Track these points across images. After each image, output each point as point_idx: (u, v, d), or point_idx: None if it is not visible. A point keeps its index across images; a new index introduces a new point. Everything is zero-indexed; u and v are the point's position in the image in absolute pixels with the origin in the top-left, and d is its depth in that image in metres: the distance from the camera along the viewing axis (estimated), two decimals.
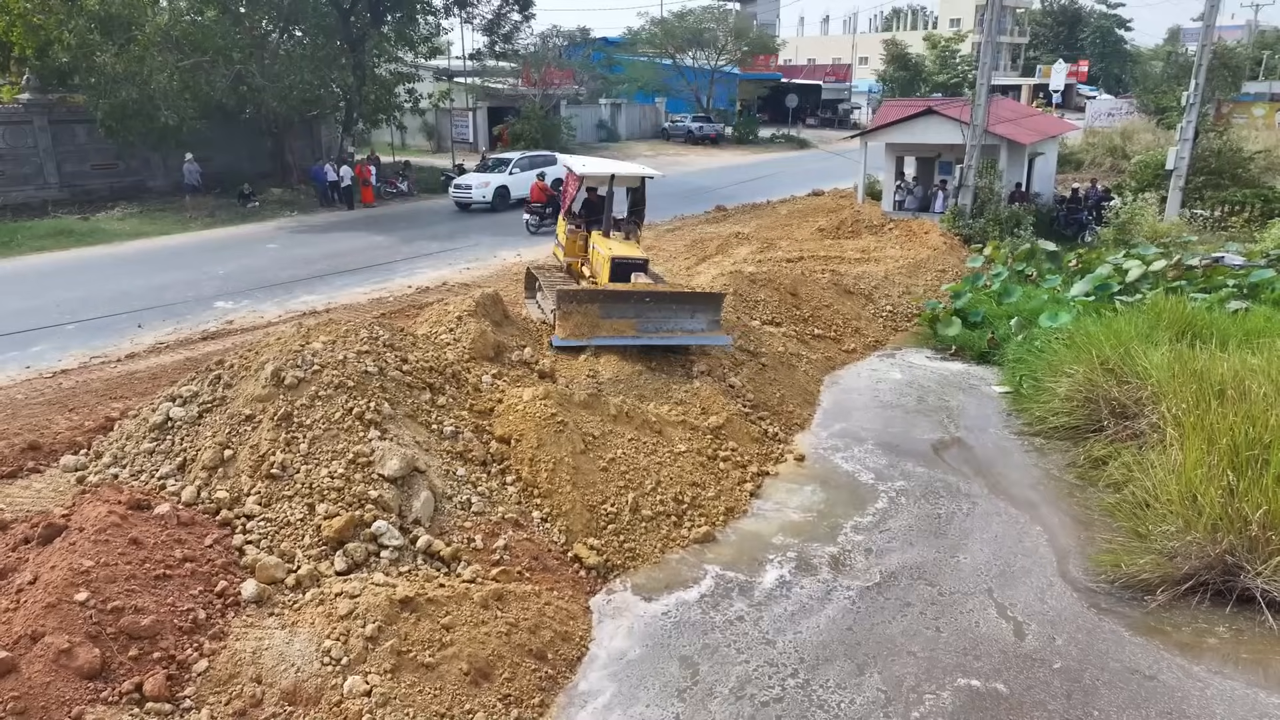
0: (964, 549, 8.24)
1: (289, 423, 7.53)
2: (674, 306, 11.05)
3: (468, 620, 6.34)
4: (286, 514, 7.01)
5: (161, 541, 6.31)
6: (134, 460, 7.64)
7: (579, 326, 10.88)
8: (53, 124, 25.32)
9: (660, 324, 11.01)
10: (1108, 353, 10.62)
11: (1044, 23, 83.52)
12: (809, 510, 8.91)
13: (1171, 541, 7.50)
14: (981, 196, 21.05)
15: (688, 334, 11.10)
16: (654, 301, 11.01)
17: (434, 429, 8.34)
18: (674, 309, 11.04)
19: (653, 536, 8.07)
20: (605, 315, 10.88)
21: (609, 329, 10.89)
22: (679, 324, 11.06)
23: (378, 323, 9.32)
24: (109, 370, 11.44)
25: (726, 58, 56.20)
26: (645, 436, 9.16)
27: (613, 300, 10.92)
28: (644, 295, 11.02)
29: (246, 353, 8.45)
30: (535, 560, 7.44)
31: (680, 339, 11.10)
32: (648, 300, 10.99)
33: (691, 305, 11.14)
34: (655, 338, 11.00)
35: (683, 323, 11.07)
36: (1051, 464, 10.05)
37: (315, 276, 17.52)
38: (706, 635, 6.91)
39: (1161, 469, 8.24)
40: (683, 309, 11.07)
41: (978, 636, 6.96)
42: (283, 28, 27.78)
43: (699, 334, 11.14)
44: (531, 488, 8.23)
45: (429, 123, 41.20)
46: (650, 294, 11.07)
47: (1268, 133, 33.02)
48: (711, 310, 11.20)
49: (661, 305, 11.02)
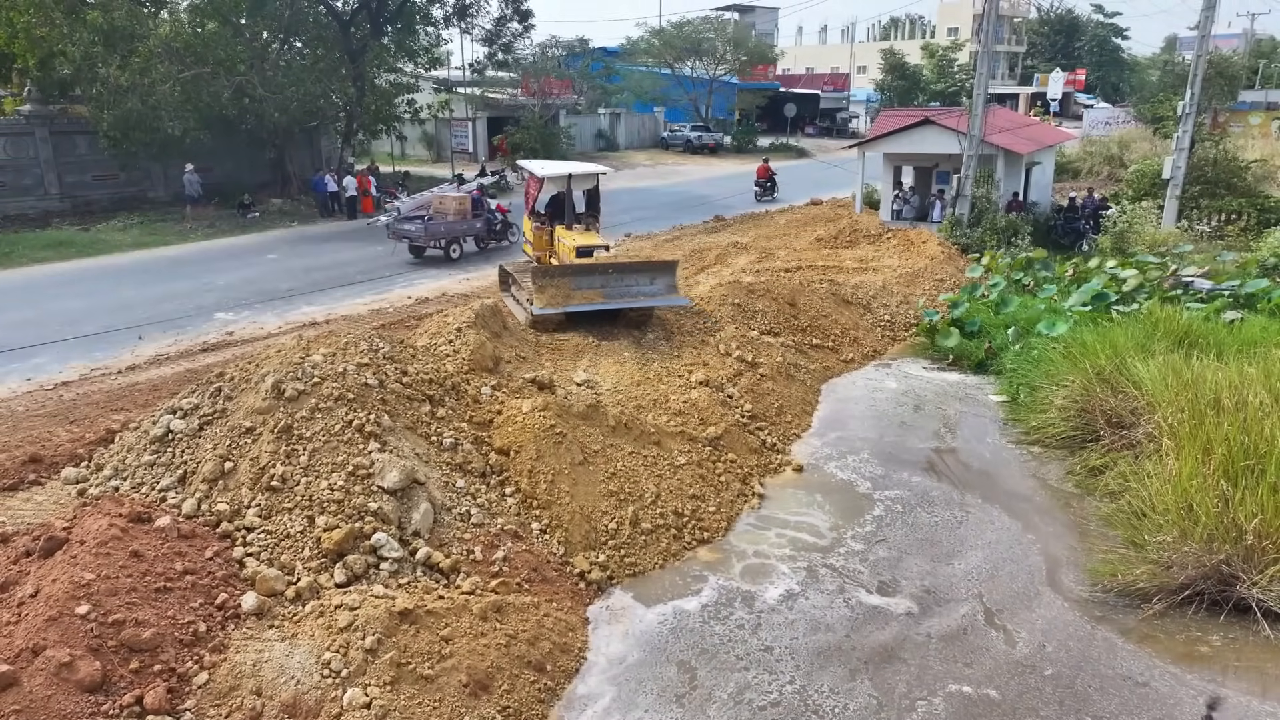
0: (959, 557, 8.29)
1: (289, 435, 7.58)
2: (634, 275, 12.80)
3: (467, 632, 6.38)
4: (286, 526, 7.05)
5: (162, 554, 6.34)
6: (135, 473, 7.69)
7: (554, 297, 12.27)
8: (54, 135, 25.43)
9: (624, 290, 12.64)
10: (1103, 363, 10.67)
11: (1041, 32, 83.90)
12: (807, 520, 8.95)
13: (1167, 551, 7.54)
14: (979, 206, 21.13)
15: (648, 298, 12.75)
16: (616, 271, 12.74)
17: (433, 441, 8.38)
18: (635, 277, 12.78)
19: (653, 550, 8.11)
20: (576, 286, 12.39)
21: (580, 297, 12.39)
22: (640, 290, 12.75)
23: (378, 334, 9.38)
24: (110, 382, 11.50)
25: (725, 67, 56.44)
26: (645, 449, 9.20)
27: (581, 273, 12.52)
28: (607, 267, 12.79)
29: (247, 365, 8.50)
30: (534, 572, 7.48)
31: (643, 302, 12.73)
32: (610, 271, 12.71)
33: (650, 273, 12.91)
34: (621, 302, 12.60)
35: (643, 288, 12.77)
36: (1048, 473, 10.10)
37: (315, 288, 17.58)
38: (705, 642, 6.96)
39: (1157, 479, 8.29)
40: (642, 276, 12.82)
41: (970, 644, 7.01)
42: (283, 39, 27.93)
43: (658, 296, 12.79)
44: (530, 499, 8.27)
45: (429, 133, 41.38)
46: (612, 265, 12.92)
47: (1263, 142, 33.15)
48: (667, 276, 12.93)
49: (623, 274, 12.75)
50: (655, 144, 54.55)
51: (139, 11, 23.71)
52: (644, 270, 12.93)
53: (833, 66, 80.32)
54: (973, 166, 20.88)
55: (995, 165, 21.82)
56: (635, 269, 12.95)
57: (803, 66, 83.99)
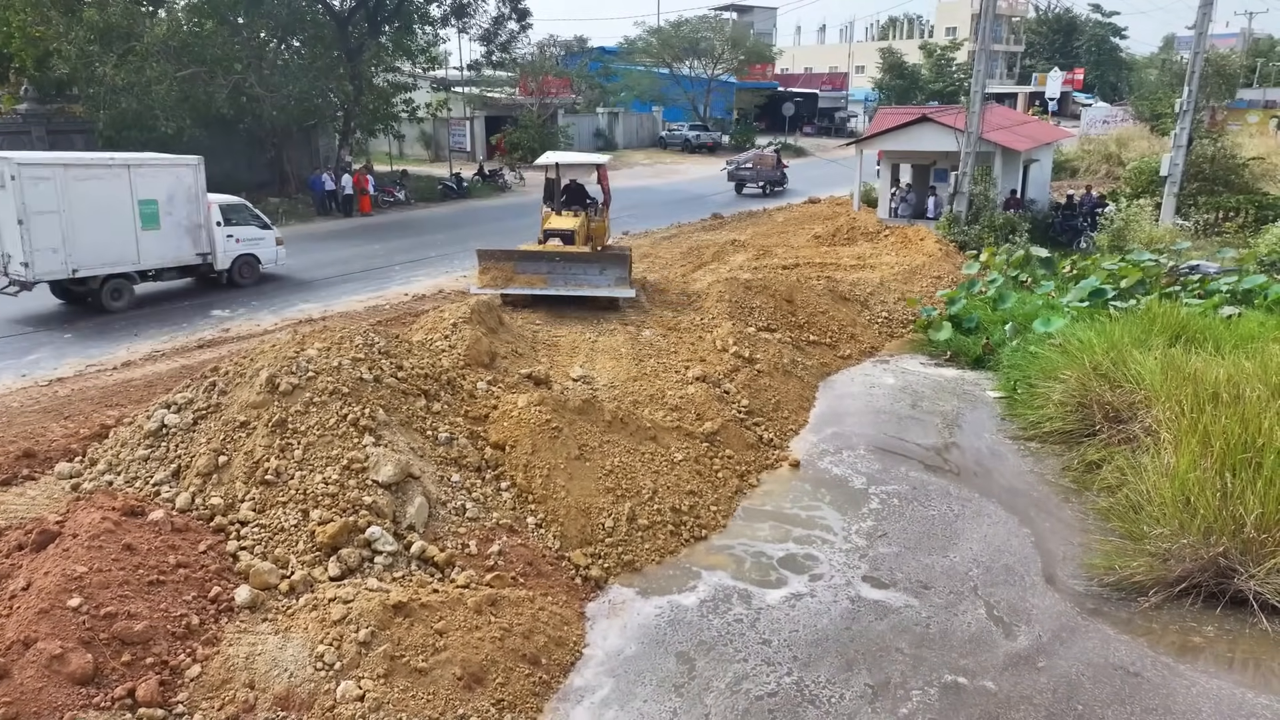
0: (955, 550, 8.28)
1: (283, 429, 7.55)
2: (583, 264, 12.96)
3: (461, 625, 6.35)
4: (280, 520, 7.02)
5: (155, 548, 6.31)
6: (129, 467, 7.66)
7: (495, 279, 12.96)
8: (50, 134, 25.37)
9: (569, 278, 12.90)
10: (1101, 358, 10.66)
11: (1039, 31, 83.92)
12: (804, 515, 8.92)
13: (1165, 544, 7.52)
14: (977, 203, 21.12)
15: (594, 287, 12.93)
16: (563, 259, 12.99)
17: (429, 435, 8.35)
18: (583, 266, 12.94)
19: (650, 546, 8.08)
20: (519, 270, 12.94)
21: (522, 281, 12.96)
22: (587, 279, 12.92)
23: (373, 330, 9.35)
24: (105, 378, 11.46)
25: (723, 67, 56.46)
26: (643, 445, 9.17)
27: (527, 258, 12.97)
28: (554, 254, 13.05)
29: (242, 359, 8.47)
30: (529, 566, 7.44)
31: (588, 291, 12.93)
32: (557, 259, 12.99)
33: (600, 263, 13.07)
34: (565, 289, 12.98)
35: (591, 278, 12.93)
36: (1045, 468, 10.08)
37: (311, 285, 17.55)
38: (703, 635, 6.95)
39: (1155, 472, 8.27)
40: (591, 266, 12.98)
41: (966, 635, 7.01)
42: (280, 38, 27.89)
43: (605, 287, 12.94)
44: (526, 493, 8.24)
45: (426, 132, 41.36)
46: (559, 253, 13.13)
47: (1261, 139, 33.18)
48: (618, 268, 13.05)
49: (571, 263, 12.97)
50: (653, 143, 54.57)
51: (135, 10, 23.68)
52: (594, 260, 13.21)
53: (831, 66, 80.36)
54: (970, 163, 20.87)
55: (993, 162, 21.81)
56: (584, 259, 13.19)
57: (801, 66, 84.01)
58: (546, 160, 15.55)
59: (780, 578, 7.78)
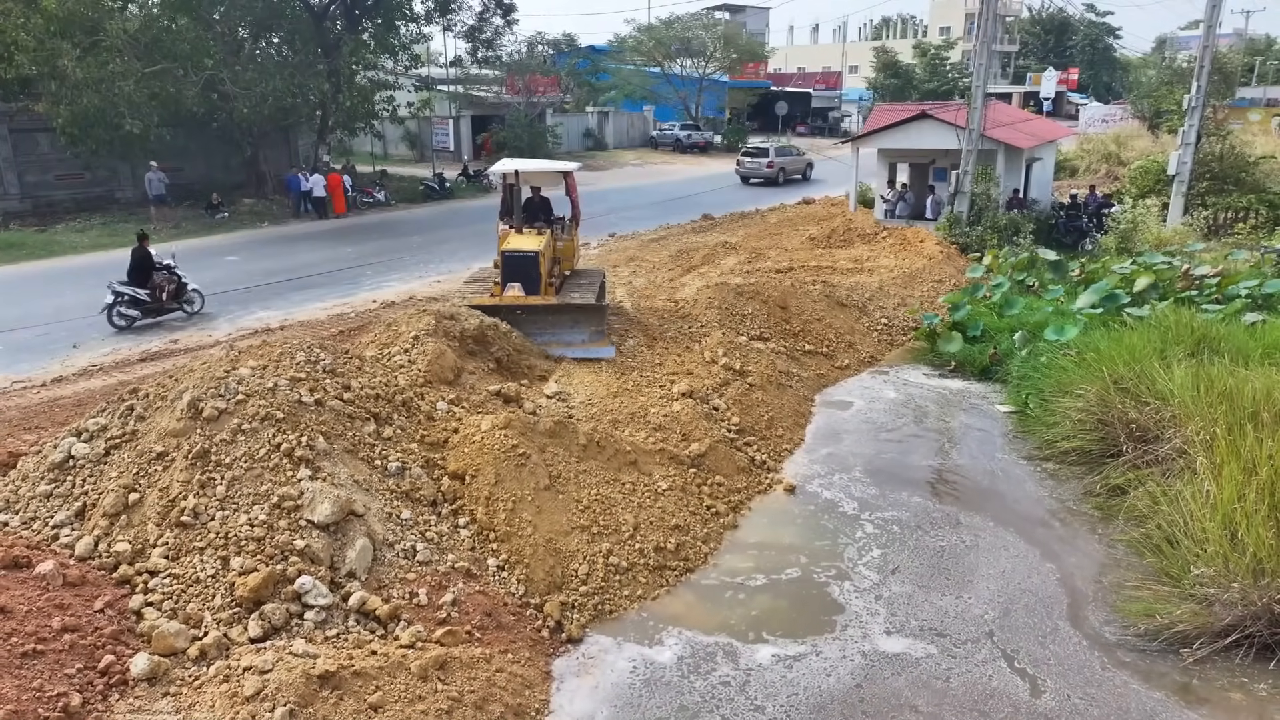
0: (970, 589, 7.38)
1: (205, 461, 6.59)
2: (550, 318, 11.07)
3: (401, 696, 5.40)
4: (196, 569, 6.06)
5: (37, 609, 5.35)
6: (28, 505, 6.67)
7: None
8: (13, 133, 24.32)
9: (536, 336, 11.00)
10: (1121, 370, 9.77)
11: (1033, 31, 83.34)
12: (801, 549, 8.00)
13: (1210, 587, 6.62)
14: (979, 203, 20.25)
15: (566, 345, 11.05)
16: (527, 314, 11.03)
17: (377, 465, 7.40)
18: (551, 320, 11.06)
19: (629, 590, 7.14)
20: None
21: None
22: (557, 335, 11.07)
23: (319, 345, 8.36)
24: (29, 397, 10.40)
25: (715, 65, 55.63)
26: (622, 473, 8.23)
27: (487, 312, 10.71)
28: (515, 308, 11.01)
29: (165, 379, 7.49)
30: (488, 617, 6.51)
31: (559, 350, 11.01)
32: (520, 312, 10.99)
33: (571, 316, 11.10)
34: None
35: (561, 334, 11.09)
36: (1065, 492, 9.19)
37: (275, 291, 16.55)
38: (684, 699, 6.02)
39: (1193, 501, 7.37)
40: (561, 320, 11.08)
41: (989, 690, 6.15)
42: (255, 34, 26.87)
43: (579, 345, 11.05)
44: (487, 531, 7.28)
45: (411, 131, 40.33)
46: (523, 307, 11.07)
47: (1265, 138, 32.50)
48: (593, 322, 11.17)
49: (536, 317, 11.06)
50: (644, 143, 53.60)
51: (99, 1, 22.58)
52: (564, 312, 11.18)
53: (824, 65, 79.54)
54: (972, 162, 20.01)
55: (995, 161, 20.95)
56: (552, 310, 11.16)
57: (794, 65, 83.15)
58: (502, 169, 12.65)
59: (773, 626, 6.85)
